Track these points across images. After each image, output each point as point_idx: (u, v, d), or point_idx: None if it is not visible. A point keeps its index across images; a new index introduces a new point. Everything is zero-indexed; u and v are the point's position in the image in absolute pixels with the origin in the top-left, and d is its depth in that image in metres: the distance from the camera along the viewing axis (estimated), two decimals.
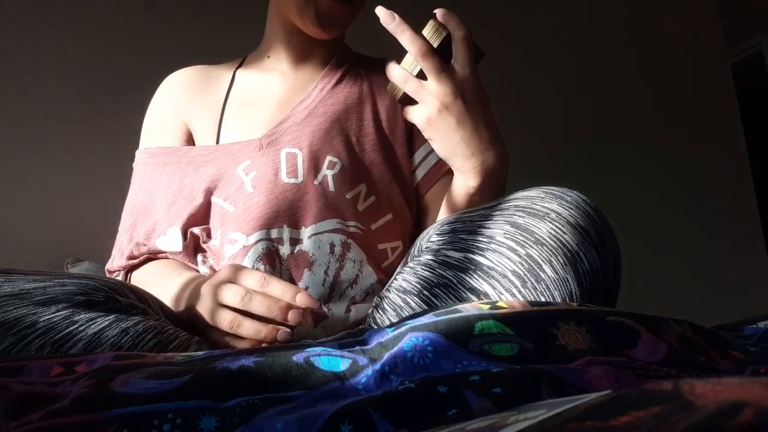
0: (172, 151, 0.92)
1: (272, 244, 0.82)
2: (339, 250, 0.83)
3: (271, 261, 0.81)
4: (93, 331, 0.53)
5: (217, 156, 0.88)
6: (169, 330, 0.60)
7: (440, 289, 0.67)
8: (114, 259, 0.93)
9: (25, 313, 0.52)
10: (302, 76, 0.96)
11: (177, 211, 0.87)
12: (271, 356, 0.42)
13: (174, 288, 0.79)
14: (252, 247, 0.82)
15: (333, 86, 0.95)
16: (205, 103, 0.95)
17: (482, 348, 0.43)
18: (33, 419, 0.33)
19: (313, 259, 0.82)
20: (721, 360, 0.48)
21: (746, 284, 2.42)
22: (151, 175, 0.92)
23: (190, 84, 0.98)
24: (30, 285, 0.55)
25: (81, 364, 0.42)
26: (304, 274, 0.81)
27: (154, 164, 0.92)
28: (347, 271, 0.83)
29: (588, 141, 2.29)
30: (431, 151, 0.95)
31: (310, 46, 0.96)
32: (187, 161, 0.90)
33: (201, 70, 1.00)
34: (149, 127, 0.99)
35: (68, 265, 1.38)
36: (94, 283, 0.58)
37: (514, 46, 2.20)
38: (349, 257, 0.83)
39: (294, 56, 0.96)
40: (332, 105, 0.92)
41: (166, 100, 0.98)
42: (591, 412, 0.23)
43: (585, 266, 0.61)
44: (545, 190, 0.67)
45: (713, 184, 2.50)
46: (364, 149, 0.91)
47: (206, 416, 0.34)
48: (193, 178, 0.88)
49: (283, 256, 0.82)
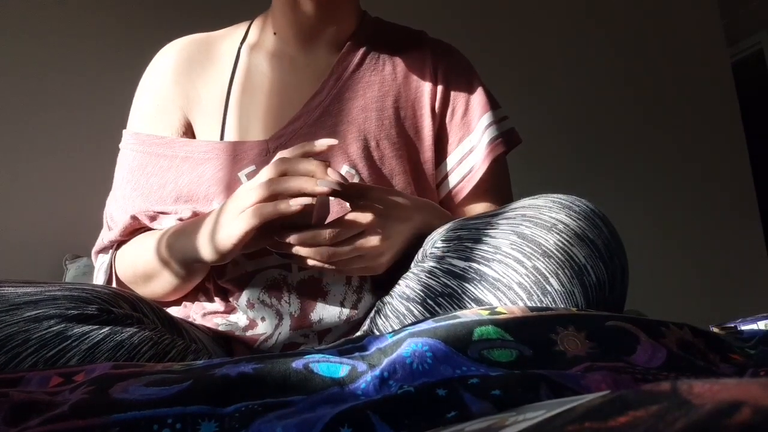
0: (166, 143, 0.82)
1: (278, 271, 0.75)
2: (356, 280, 0.76)
3: (278, 291, 0.74)
4: (87, 346, 0.52)
5: (217, 155, 0.79)
6: (165, 340, 0.59)
7: (444, 299, 0.65)
8: (103, 238, 0.85)
9: (16, 330, 0.51)
10: (314, 60, 0.85)
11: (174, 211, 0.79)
12: (270, 363, 0.42)
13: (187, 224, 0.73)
14: (257, 274, 0.75)
15: (350, 75, 0.84)
16: (207, 89, 0.84)
17: (481, 354, 0.43)
18: (32, 425, 0.33)
19: (327, 288, 0.75)
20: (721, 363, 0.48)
21: (746, 284, 2.42)
22: (143, 166, 0.82)
23: (190, 63, 0.85)
24: (20, 299, 0.53)
25: (80, 374, 0.42)
26: (317, 305, 0.75)
27: (146, 154, 0.82)
28: (365, 302, 0.76)
29: (588, 141, 2.30)
30: (466, 155, 0.86)
31: (321, 20, 0.83)
32: (184, 156, 0.80)
33: (201, 44, 0.87)
34: (141, 109, 0.86)
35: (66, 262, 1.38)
36: (87, 295, 0.57)
37: (515, 46, 2.20)
38: (366, 288, 0.77)
39: (303, 34, 0.84)
40: (349, 100, 0.82)
41: (163, 81, 0.85)
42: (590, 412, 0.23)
43: (592, 279, 0.60)
44: (552, 199, 0.66)
45: (713, 184, 2.50)
46: (384, 156, 0.82)
47: (206, 421, 0.34)
48: (190, 179, 0.79)
49: (291, 284, 0.75)
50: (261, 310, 0.75)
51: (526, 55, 2.23)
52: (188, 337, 0.69)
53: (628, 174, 2.32)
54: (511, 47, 2.19)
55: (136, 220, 0.80)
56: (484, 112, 0.87)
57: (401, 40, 0.89)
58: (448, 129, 0.87)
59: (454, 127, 0.87)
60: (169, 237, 0.74)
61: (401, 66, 0.87)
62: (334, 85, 0.83)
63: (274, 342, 0.76)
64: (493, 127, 0.86)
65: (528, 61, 2.23)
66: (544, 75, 2.25)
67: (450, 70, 0.88)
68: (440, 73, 0.87)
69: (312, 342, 0.76)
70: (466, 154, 0.87)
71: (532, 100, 2.18)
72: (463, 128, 0.87)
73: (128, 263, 0.80)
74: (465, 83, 0.89)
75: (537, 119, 2.17)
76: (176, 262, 0.73)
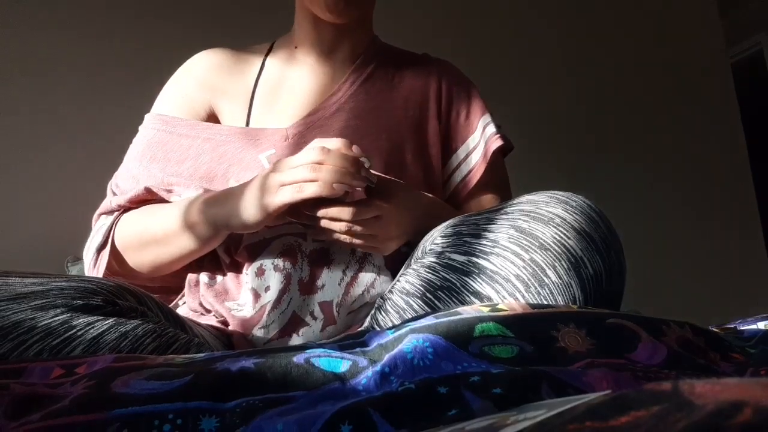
0: (190, 125, 0.88)
1: (296, 239, 0.80)
2: (360, 252, 0.81)
3: (293, 256, 0.79)
4: (91, 336, 0.53)
5: (238, 138, 0.85)
6: (168, 333, 0.59)
7: (443, 292, 0.67)
8: (111, 202, 0.88)
9: (22, 318, 0.51)
10: (331, 69, 0.93)
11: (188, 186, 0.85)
12: (271, 357, 0.42)
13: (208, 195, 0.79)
14: (275, 240, 0.80)
15: (364, 80, 0.92)
16: (234, 88, 0.92)
17: (482, 350, 0.43)
18: (33, 419, 0.33)
19: (333, 257, 0.80)
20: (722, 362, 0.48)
21: (746, 284, 2.42)
22: (163, 143, 0.87)
23: (220, 65, 0.94)
24: (27, 289, 0.54)
25: (81, 366, 0.42)
26: (323, 272, 0.79)
27: (168, 133, 0.88)
28: (366, 273, 0.81)
29: (587, 141, 2.29)
30: (471, 151, 0.94)
31: (337, 38, 0.92)
32: (205, 137, 0.86)
33: (230, 53, 0.96)
34: (168, 96, 0.94)
35: (68, 264, 1.38)
36: (93, 287, 0.57)
37: (514, 46, 2.20)
38: (369, 260, 0.81)
39: (321, 48, 0.93)
40: (363, 101, 0.90)
41: (193, 76, 0.93)
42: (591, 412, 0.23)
43: (589, 272, 0.61)
44: (550, 194, 0.67)
45: (713, 184, 2.50)
46: (393, 149, 0.88)
47: (207, 417, 0.34)
48: (211, 157, 0.85)
49: (305, 252, 0.80)
50: (269, 278, 0.78)
51: (526, 54, 2.22)
52: (191, 332, 0.70)
53: (627, 174, 2.32)
54: (511, 47, 2.19)
55: (151, 192, 0.85)
56: (482, 114, 0.97)
57: (408, 57, 1.00)
58: (454, 130, 0.96)
59: (458, 128, 0.96)
60: (201, 202, 0.78)
61: (409, 75, 0.96)
62: (349, 87, 0.91)
63: (284, 308, 0.77)
64: (491, 125, 0.96)
65: (528, 61, 2.22)
66: (544, 75, 2.24)
67: (452, 80, 0.98)
68: (444, 81, 0.97)
69: (316, 322, 0.78)
70: (471, 151, 0.94)
71: (531, 100, 2.18)
72: (467, 128, 0.96)
73: (133, 228, 0.84)
74: (465, 91, 0.98)
75: (537, 119, 2.16)
76: (206, 225, 0.77)
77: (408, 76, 0.96)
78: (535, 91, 2.20)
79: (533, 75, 2.22)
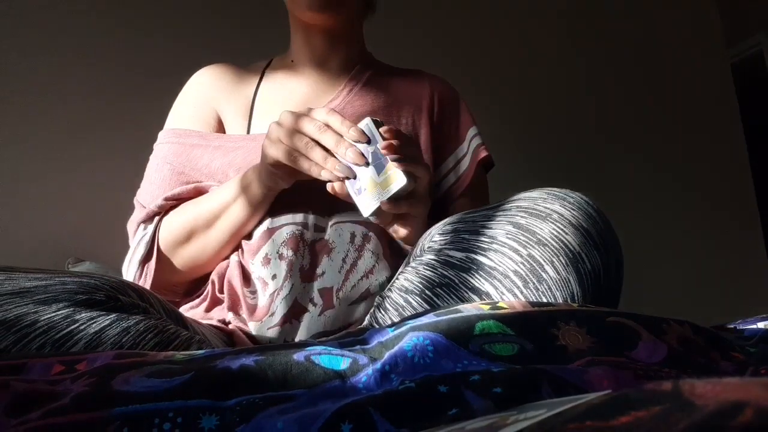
0: (200, 135, 0.95)
1: (298, 228, 0.84)
2: (359, 240, 0.85)
3: (295, 245, 0.83)
4: (94, 330, 0.53)
5: (246, 143, 0.91)
6: (170, 329, 0.59)
7: (442, 289, 0.67)
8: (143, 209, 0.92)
9: (25, 311, 0.52)
10: (327, 79, 0.99)
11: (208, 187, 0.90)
12: (271, 355, 0.42)
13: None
14: (277, 230, 0.84)
15: (360, 88, 0.98)
16: (235, 97, 0.98)
17: (483, 348, 0.43)
18: (33, 417, 0.33)
19: (333, 246, 0.84)
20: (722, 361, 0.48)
21: (746, 284, 2.42)
22: (178, 153, 0.93)
23: (222, 77, 1.01)
24: (31, 283, 0.55)
25: (82, 362, 0.42)
26: (323, 259, 0.83)
27: (181, 144, 0.94)
28: (365, 261, 0.84)
29: (588, 141, 2.29)
30: (461, 159, 1.00)
31: (328, 46, 0.99)
32: (216, 146, 0.92)
33: (231, 67, 1.04)
34: (177, 112, 1.01)
35: (69, 265, 1.38)
36: (96, 282, 0.58)
37: (515, 46, 2.20)
38: (368, 248, 0.85)
39: (314, 59, 0.99)
40: (359, 106, 0.95)
41: (198, 88, 1.01)
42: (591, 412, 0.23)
43: (587, 267, 0.61)
44: (547, 191, 0.68)
45: (713, 184, 2.50)
46: None
47: (207, 415, 0.34)
48: (222, 162, 0.90)
49: (307, 241, 0.84)
50: (275, 267, 0.82)
51: (526, 54, 2.22)
52: (192, 330, 0.70)
53: (627, 174, 2.32)
54: (511, 47, 2.19)
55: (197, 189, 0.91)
56: (470, 126, 1.04)
57: (402, 70, 1.07)
58: (445, 139, 1.02)
59: (449, 137, 1.03)
60: (242, 177, 0.84)
61: (404, 86, 1.02)
62: (347, 95, 0.97)
63: (287, 293, 0.80)
64: (477, 137, 1.03)
65: (528, 61, 2.22)
66: (544, 75, 2.24)
67: (444, 93, 1.05)
68: (437, 93, 1.04)
69: (316, 308, 0.80)
70: (460, 158, 1.01)
71: (531, 100, 2.18)
72: (456, 138, 1.03)
73: (181, 219, 0.89)
74: (455, 103, 1.06)
75: (537, 119, 2.17)
76: (257, 182, 0.82)
77: (402, 86, 1.02)
78: (535, 91, 2.20)
79: (533, 75, 2.22)
